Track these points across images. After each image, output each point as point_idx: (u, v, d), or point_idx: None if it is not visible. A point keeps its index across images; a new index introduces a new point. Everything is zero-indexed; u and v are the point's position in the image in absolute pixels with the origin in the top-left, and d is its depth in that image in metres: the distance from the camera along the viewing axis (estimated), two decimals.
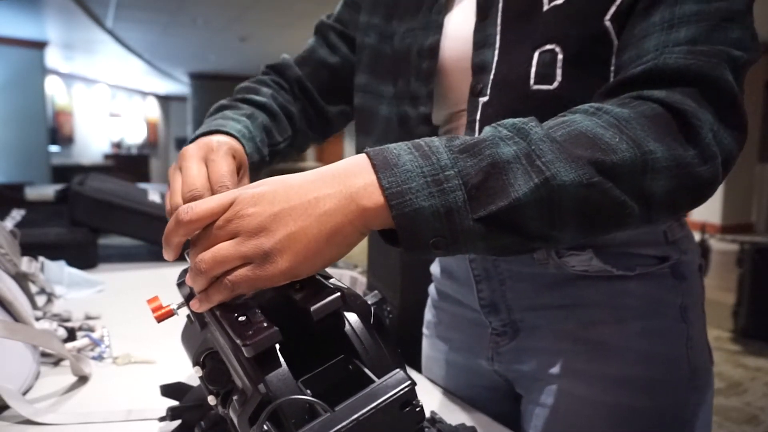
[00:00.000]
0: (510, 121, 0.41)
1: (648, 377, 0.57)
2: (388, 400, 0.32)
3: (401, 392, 0.32)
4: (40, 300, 0.97)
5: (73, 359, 0.70)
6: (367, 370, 0.36)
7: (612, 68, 0.48)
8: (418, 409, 0.33)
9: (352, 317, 0.37)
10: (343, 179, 0.38)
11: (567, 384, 0.60)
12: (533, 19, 0.51)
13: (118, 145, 12.36)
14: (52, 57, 8.29)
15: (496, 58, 0.53)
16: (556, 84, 0.50)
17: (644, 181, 0.39)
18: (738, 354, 3.12)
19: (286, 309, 0.38)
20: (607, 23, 0.48)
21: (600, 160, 0.38)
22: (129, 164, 11.23)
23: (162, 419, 0.57)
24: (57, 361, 0.77)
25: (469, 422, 0.52)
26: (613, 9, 0.48)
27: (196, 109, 10.53)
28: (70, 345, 0.79)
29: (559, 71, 0.50)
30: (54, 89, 9.42)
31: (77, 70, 10.12)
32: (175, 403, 0.56)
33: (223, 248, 0.37)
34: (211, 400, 0.39)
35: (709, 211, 7.24)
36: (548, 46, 0.50)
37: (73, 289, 1.14)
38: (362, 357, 0.36)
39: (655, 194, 0.40)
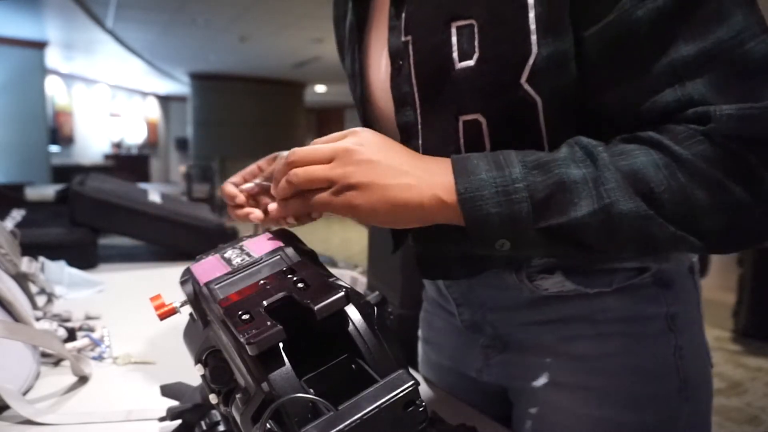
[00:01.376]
0: (583, 141, 0.44)
1: (633, 391, 0.56)
2: (392, 400, 0.31)
3: (405, 392, 0.32)
4: (40, 300, 0.97)
5: (74, 359, 0.70)
6: (370, 370, 0.35)
7: (542, 125, 0.47)
8: (421, 409, 0.33)
9: (355, 316, 0.37)
10: (431, 171, 0.44)
11: (553, 396, 0.59)
12: (447, 80, 0.49)
13: (118, 145, 12.37)
14: (52, 57, 8.30)
15: (420, 122, 0.52)
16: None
17: (693, 223, 0.41)
18: (738, 354, 3.12)
19: (289, 307, 0.38)
20: (525, 85, 0.46)
21: (648, 202, 0.41)
22: (129, 164, 11.25)
23: (162, 419, 0.57)
24: (57, 362, 0.77)
25: (469, 422, 0.52)
26: (527, 71, 0.45)
27: (196, 109, 10.53)
28: (70, 345, 0.79)
29: (487, 140, 0.49)
30: (54, 89, 9.43)
31: (77, 70, 10.12)
32: (175, 403, 0.56)
33: (317, 168, 0.44)
34: (213, 398, 0.39)
35: None
36: (471, 116, 0.48)
37: (73, 289, 1.13)
38: (365, 356, 0.36)
39: (707, 234, 0.42)
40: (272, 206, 0.48)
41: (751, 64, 0.41)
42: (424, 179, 0.43)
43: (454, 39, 0.48)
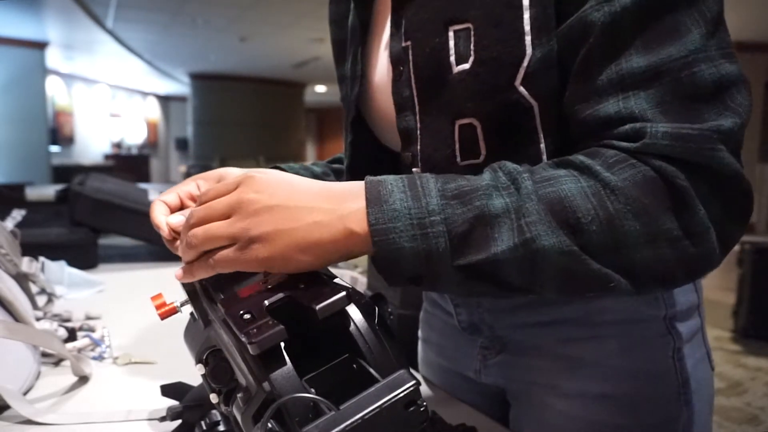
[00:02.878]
0: (508, 166, 0.41)
1: (630, 394, 0.55)
2: (393, 400, 0.31)
3: (406, 392, 0.32)
4: (41, 300, 0.97)
5: (74, 359, 0.70)
6: (371, 370, 0.35)
7: (539, 130, 0.45)
8: (422, 409, 0.33)
9: (356, 316, 0.37)
10: (340, 200, 0.40)
11: (550, 399, 0.59)
12: (445, 84, 0.48)
13: (118, 146, 12.37)
14: (53, 57, 8.30)
15: (418, 126, 0.51)
16: (482, 158, 0.48)
17: (619, 257, 0.39)
18: (738, 354, 3.12)
19: (291, 307, 0.38)
20: (520, 89, 0.45)
21: (573, 234, 0.38)
22: (129, 164, 11.24)
23: (162, 419, 0.57)
24: (57, 361, 0.77)
25: (469, 422, 0.52)
26: (522, 73, 0.44)
27: (196, 109, 10.53)
28: (70, 345, 0.79)
29: (482, 144, 0.47)
30: (54, 89, 9.42)
31: (77, 70, 10.12)
32: (175, 403, 0.56)
33: (215, 226, 0.40)
34: (214, 398, 0.39)
35: None
36: (466, 120, 0.48)
37: (73, 289, 1.13)
38: (366, 356, 0.36)
39: (636, 269, 0.39)
40: (178, 271, 0.43)
41: (695, 88, 0.39)
42: (334, 212, 0.39)
43: (451, 43, 0.47)
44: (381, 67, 0.57)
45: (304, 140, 12.26)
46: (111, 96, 11.95)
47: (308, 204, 0.39)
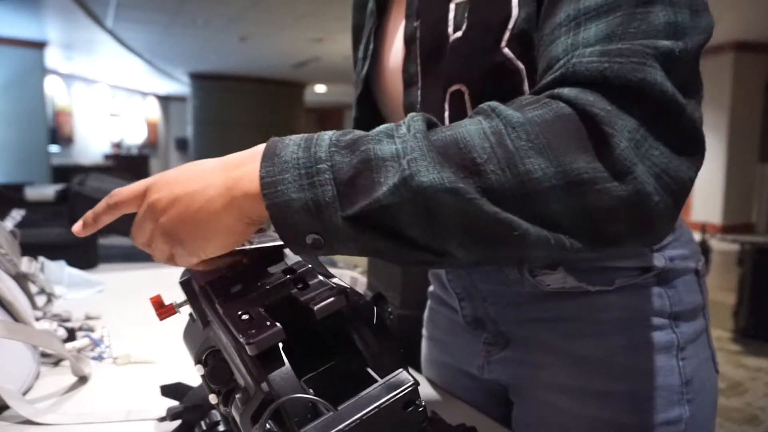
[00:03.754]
0: (410, 116, 0.39)
1: (633, 392, 0.55)
2: (391, 400, 0.31)
3: (404, 392, 0.32)
4: (40, 300, 0.97)
5: (73, 359, 0.70)
6: (370, 370, 0.35)
7: (527, 94, 0.44)
8: (420, 409, 0.33)
9: (355, 317, 0.37)
10: (233, 168, 0.39)
11: (552, 396, 0.59)
12: (443, 55, 0.49)
13: (118, 145, 12.36)
14: (52, 57, 8.29)
15: (419, 99, 0.52)
16: None
17: (529, 203, 0.35)
18: (738, 354, 3.12)
19: (289, 308, 0.38)
20: (506, 51, 0.44)
21: (470, 176, 0.35)
22: (129, 164, 11.24)
23: (162, 419, 0.57)
24: (57, 361, 0.77)
25: (469, 422, 0.52)
26: (507, 34, 0.44)
27: (196, 109, 10.53)
28: (70, 345, 0.79)
29: (469, 111, 0.47)
30: (54, 89, 9.42)
31: (77, 70, 10.12)
32: (175, 403, 0.56)
33: (138, 234, 0.44)
34: (213, 398, 0.39)
35: (709, 212, 7.25)
36: (455, 87, 0.48)
37: (73, 289, 1.13)
38: (365, 356, 0.36)
39: (555, 217, 0.35)
40: (77, 226, 0.48)
41: (649, 25, 0.37)
42: (223, 182, 0.38)
43: (451, 15, 0.49)
44: (395, 50, 0.59)
45: None
46: (111, 96, 11.95)
47: (202, 183, 0.39)
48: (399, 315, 1.35)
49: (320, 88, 12.20)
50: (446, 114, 0.50)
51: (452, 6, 0.49)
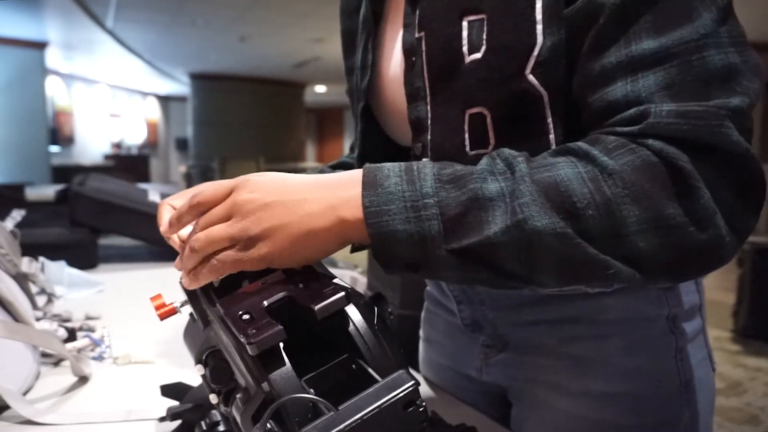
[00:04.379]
0: (505, 153, 0.41)
1: (633, 394, 0.55)
2: (392, 400, 0.31)
3: (405, 392, 0.32)
4: (41, 300, 0.97)
5: (74, 359, 0.70)
6: (370, 370, 0.35)
7: (549, 120, 0.45)
8: (421, 410, 0.33)
9: (356, 317, 0.37)
10: (334, 189, 0.40)
11: (552, 398, 0.59)
12: (458, 74, 0.48)
13: (118, 146, 12.37)
14: (52, 57, 8.30)
15: (429, 116, 0.52)
16: (491, 147, 0.48)
17: (619, 244, 0.37)
18: (738, 354, 3.12)
19: (290, 307, 0.38)
20: (530, 77, 0.44)
21: (569, 219, 0.37)
22: (129, 164, 11.24)
23: (162, 419, 0.57)
24: (57, 362, 0.77)
25: (469, 422, 0.52)
26: (532, 62, 0.44)
27: (196, 109, 10.53)
28: (70, 345, 0.79)
29: (491, 133, 0.48)
30: (54, 89, 9.42)
31: (77, 70, 10.12)
32: (175, 403, 0.56)
33: (216, 229, 0.41)
34: (213, 398, 0.39)
35: None
36: (476, 109, 0.48)
37: (73, 289, 1.13)
38: (366, 357, 0.36)
39: (640, 257, 0.38)
40: (184, 278, 0.44)
41: (706, 72, 0.39)
42: (325, 201, 0.40)
43: (464, 33, 0.48)
44: (393, 59, 0.57)
45: (303, 140, 12.26)
46: (111, 96, 11.95)
47: (301, 196, 0.40)
48: (399, 315, 1.35)
49: (320, 88, 12.21)
50: (466, 135, 0.49)
51: (465, 24, 0.47)
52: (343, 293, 0.36)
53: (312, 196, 0.40)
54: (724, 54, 0.39)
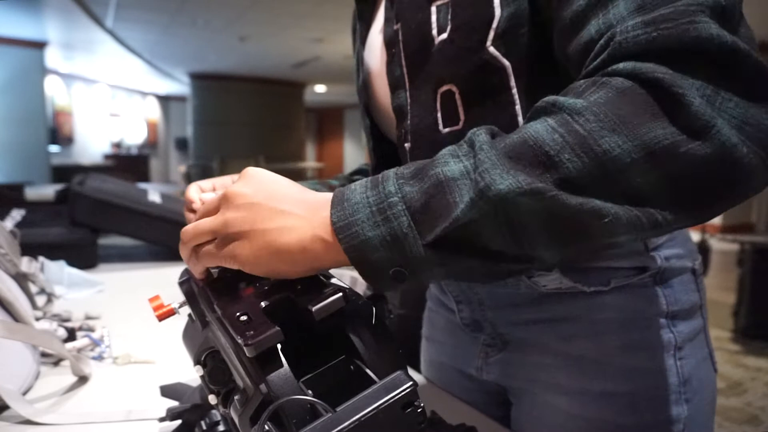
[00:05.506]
0: (470, 133, 0.38)
1: (631, 392, 0.55)
2: (390, 401, 0.31)
3: (403, 393, 0.32)
4: (40, 300, 0.97)
5: (73, 359, 0.70)
6: (368, 371, 0.35)
7: (514, 91, 0.45)
8: (419, 410, 0.33)
9: (354, 317, 0.37)
10: (315, 209, 0.39)
11: (551, 397, 0.59)
12: (429, 56, 0.51)
13: (118, 145, 12.36)
14: (52, 57, 8.29)
15: (408, 101, 0.54)
16: (461, 123, 0.49)
17: (612, 185, 0.33)
18: (738, 354, 3.12)
19: (287, 309, 0.38)
20: (491, 49, 0.46)
21: (548, 171, 0.33)
22: (129, 164, 11.23)
23: (162, 419, 0.57)
24: (57, 361, 0.77)
25: (469, 422, 0.52)
26: (491, 34, 0.46)
27: (196, 109, 10.52)
28: (70, 345, 0.79)
29: (461, 109, 0.49)
30: (54, 89, 9.42)
31: (77, 70, 10.11)
32: (175, 403, 0.56)
33: (203, 221, 0.41)
34: (212, 399, 0.39)
35: None
36: (445, 87, 0.50)
37: (73, 289, 1.14)
38: (364, 357, 0.36)
39: (642, 193, 0.33)
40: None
41: None
42: (306, 218, 0.38)
43: (433, 17, 0.50)
44: (376, 54, 0.60)
45: (303, 140, 12.24)
46: (111, 96, 11.94)
47: (285, 207, 0.39)
48: (398, 315, 1.35)
49: (320, 88, 12.19)
50: (438, 114, 0.51)
51: (433, 9, 0.50)
52: (340, 294, 0.36)
53: (295, 210, 0.39)
54: None
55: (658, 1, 0.35)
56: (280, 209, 0.39)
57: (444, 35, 0.49)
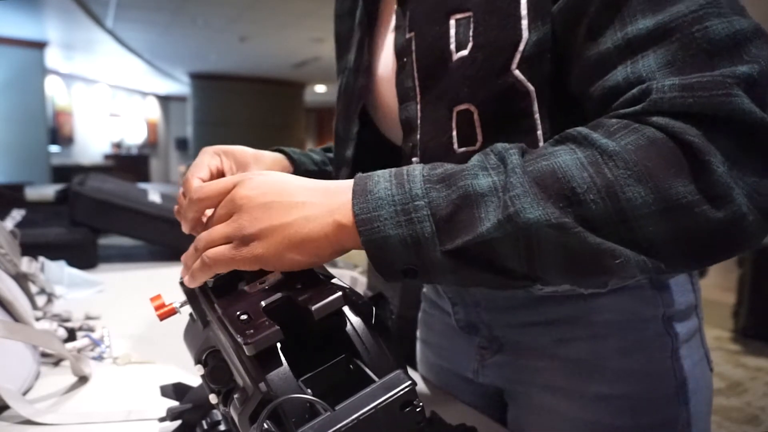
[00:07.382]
0: (500, 146, 0.39)
1: (629, 395, 0.55)
2: (389, 400, 0.32)
3: (401, 392, 0.32)
4: (40, 300, 0.97)
5: (73, 359, 0.70)
6: (367, 370, 0.36)
7: (536, 116, 0.45)
8: (418, 410, 0.33)
9: (353, 317, 0.37)
10: (332, 195, 0.40)
11: (548, 400, 0.59)
12: (446, 72, 0.48)
13: (118, 145, 12.37)
14: (52, 57, 8.30)
15: (419, 115, 0.52)
16: (479, 144, 0.48)
17: (627, 230, 0.35)
18: (738, 354, 3.12)
19: (287, 308, 0.38)
20: (516, 72, 0.44)
21: (570, 206, 0.35)
22: (129, 164, 11.25)
23: (162, 419, 0.57)
24: (57, 362, 0.77)
25: (469, 422, 0.52)
26: (518, 57, 0.44)
27: (196, 109, 10.52)
28: (70, 345, 0.79)
29: (479, 131, 0.47)
30: (54, 89, 9.42)
31: (77, 70, 10.12)
32: (175, 403, 0.56)
33: (216, 228, 0.41)
34: (213, 398, 0.39)
35: None
36: (463, 106, 0.47)
37: (73, 289, 1.14)
38: (363, 357, 0.36)
39: (652, 242, 0.35)
40: (187, 278, 0.43)
41: (709, 43, 0.36)
42: (324, 206, 0.39)
43: (452, 31, 0.48)
44: (385, 60, 0.57)
45: (304, 140, 12.25)
46: (111, 96, 11.95)
47: (300, 199, 0.40)
48: (399, 315, 1.35)
49: (320, 88, 12.20)
50: (454, 133, 0.49)
51: (452, 22, 0.48)
52: (340, 293, 0.36)
53: (311, 200, 0.40)
54: (727, 22, 0.36)
55: (688, 60, 0.36)
56: (296, 201, 0.39)
57: (464, 52, 0.47)
